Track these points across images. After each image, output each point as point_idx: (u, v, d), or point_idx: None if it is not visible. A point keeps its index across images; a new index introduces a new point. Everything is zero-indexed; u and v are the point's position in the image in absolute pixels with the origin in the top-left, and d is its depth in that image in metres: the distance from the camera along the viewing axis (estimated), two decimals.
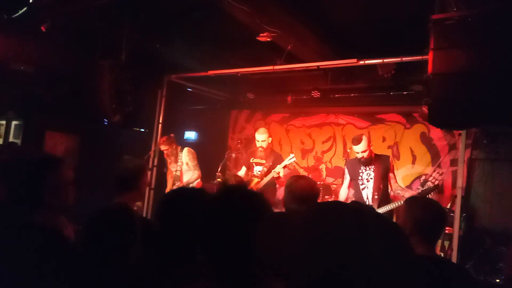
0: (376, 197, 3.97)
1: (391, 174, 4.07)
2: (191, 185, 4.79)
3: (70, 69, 4.98)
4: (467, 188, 4.86)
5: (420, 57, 3.86)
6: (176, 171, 4.79)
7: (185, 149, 4.86)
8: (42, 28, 4.12)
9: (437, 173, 5.25)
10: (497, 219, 4.58)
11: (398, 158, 5.58)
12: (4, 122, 5.32)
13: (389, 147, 5.65)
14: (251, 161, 4.69)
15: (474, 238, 4.31)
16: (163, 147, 4.82)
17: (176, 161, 4.82)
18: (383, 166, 4.00)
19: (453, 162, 5.07)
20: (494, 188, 4.75)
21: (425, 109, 3.41)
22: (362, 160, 3.99)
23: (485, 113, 2.99)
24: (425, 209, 1.83)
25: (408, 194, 3.92)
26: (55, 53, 4.90)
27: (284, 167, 4.42)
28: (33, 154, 1.71)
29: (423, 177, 5.34)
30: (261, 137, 4.55)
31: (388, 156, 4.19)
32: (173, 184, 4.82)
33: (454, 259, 3.94)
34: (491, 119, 3.15)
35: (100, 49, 4.84)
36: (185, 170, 4.82)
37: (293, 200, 2.23)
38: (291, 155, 4.52)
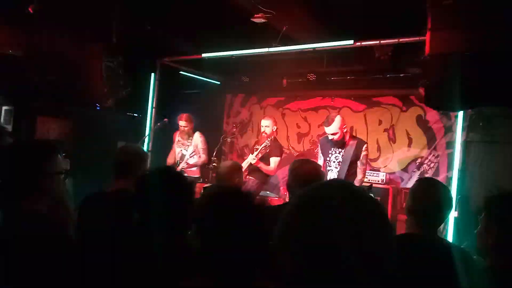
0: None
1: (359, 163, 3.78)
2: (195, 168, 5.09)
3: (61, 53, 4.86)
4: (463, 171, 4.87)
5: (418, 38, 3.81)
6: (183, 149, 5.03)
7: (197, 132, 5.07)
8: (29, 9, 3.99)
9: (433, 155, 5.26)
10: None
11: (394, 141, 5.57)
12: None
13: (385, 130, 5.63)
14: (255, 148, 4.66)
15: (469, 220, 4.35)
16: (182, 123, 4.99)
17: (186, 140, 5.05)
18: (354, 152, 3.75)
19: (449, 145, 5.07)
20: (490, 170, 4.76)
21: (421, 91, 3.36)
22: (333, 141, 3.80)
23: (482, 95, 2.97)
24: (425, 192, 1.80)
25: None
26: (44, 36, 4.78)
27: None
28: (29, 141, 1.67)
29: (419, 160, 5.35)
30: (265, 123, 4.54)
31: (364, 143, 3.87)
32: (177, 163, 5.00)
33: (450, 240, 3.98)
34: (488, 100, 3.14)
35: (91, 32, 4.72)
36: (190, 152, 5.00)
37: (298, 184, 2.21)
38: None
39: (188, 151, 5.04)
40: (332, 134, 3.76)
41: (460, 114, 4.67)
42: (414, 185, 1.91)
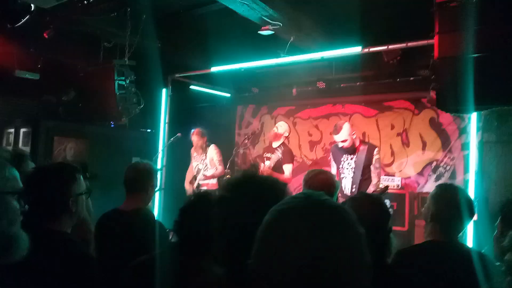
0: (354, 190, 3.76)
1: (372, 167, 3.78)
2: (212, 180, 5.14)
3: (75, 74, 5.00)
4: (480, 172, 4.79)
5: (426, 42, 3.80)
6: (200, 164, 5.12)
7: (212, 145, 5.17)
8: (44, 35, 4.14)
9: (448, 158, 5.19)
10: None
11: (408, 145, 5.52)
12: (12, 130, 5.37)
13: (398, 134, 5.59)
14: (264, 155, 4.68)
15: (488, 222, 4.26)
16: (194, 138, 5.11)
17: (201, 154, 5.14)
18: (366, 157, 3.77)
19: (464, 146, 5.00)
20: (507, 170, 4.67)
21: (433, 94, 3.34)
22: (343, 148, 3.83)
23: (494, 95, 2.94)
24: (449, 199, 1.80)
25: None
26: (59, 59, 4.93)
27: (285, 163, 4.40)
28: (55, 164, 1.70)
29: (434, 163, 5.28)
30: (281, 123, 4.61)
31: (375, 147, 3.91)
32: (194, 177, 5.12)
33: (469, 244, 3.90)
34: (501, 101, 3.10)
35: (103, 52, 4.85)
36: (207, 164, 5.08)
37: None
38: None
39: (204, 164, 5.11)
40: (341, 142, 3.80)
41: (474, 114, 4.61)
42: (436, 191, 1.89)
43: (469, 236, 4.06)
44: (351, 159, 3.88)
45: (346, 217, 0.71)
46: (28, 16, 3.69)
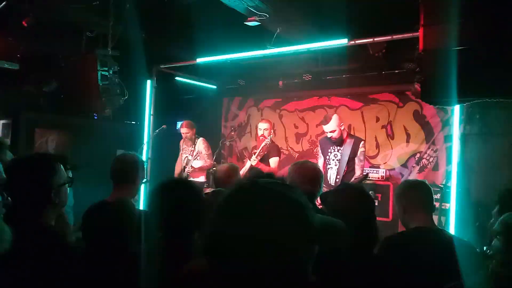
0: (337, 180, 3.89)
1: (356, 159, 3.90)
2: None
3: (56, 64, 4.87)
4: (462, 163, 4.89)
5: (411, 34, 3.82)
6: (189, 155, 5.12)
7: (201, 138, 5.18)
8: (23, 23, 4.01)
9: (432, 150, 5.28)
10: (492, 193, 4.61)
11: (392, 138, 5.59)
12: None
13: (383, 126, 5.65)
14: (253, 151, 4.67)
15: (470, 212, 4.36)
16: (183, 130, 5.11)
17: (191, 146, 5.16)
18: (352, 150, 3.89)
19: (447, 139, 5.09)
20: (488, 162, 4.78)
21: (417, 86, 3.38)
22: (332, 139, 3.94)
23: (477, 88, 2.98)
24: (420, 187, 2.04)
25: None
26: (39, 48, 4.79)
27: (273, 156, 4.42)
28: (36, 155, 1.65)
29: (418, 155, 5.36)
30: (263, 126, 4.59)
31: (361, 140, 4.03)
32: (183, 168, 5.11)
33: (451, 231, 3.98)
34: (483, 94, 3.15)
35: (86, 42, 4.73)
36: (196, 156, 5.09)
37: (307, 182, 2.23)
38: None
39: (193, 155, 5.11)
40: (330, 132, 3.90)
41: (457, 107, 4.69)
42: (408, 185, 2.10)
43: (451, 223, 4.17)
44: (338, 150, 3.99)
45: (274, 202, 0.75)
46: (4, 3, 3.55)
